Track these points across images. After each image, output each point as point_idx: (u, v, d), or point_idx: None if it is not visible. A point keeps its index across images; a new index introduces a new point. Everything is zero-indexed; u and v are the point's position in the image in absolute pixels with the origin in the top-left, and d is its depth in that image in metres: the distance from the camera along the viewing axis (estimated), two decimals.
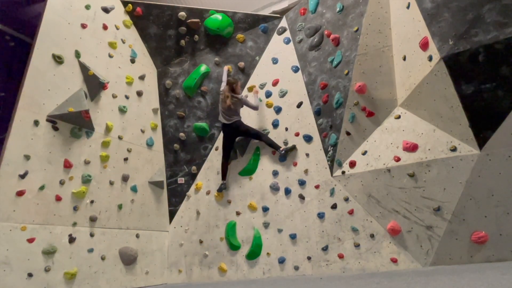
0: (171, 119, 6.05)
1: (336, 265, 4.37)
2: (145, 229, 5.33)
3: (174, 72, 6.15)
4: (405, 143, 4.02)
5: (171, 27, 6.01)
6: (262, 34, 5.78)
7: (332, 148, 4.65)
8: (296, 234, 4.77)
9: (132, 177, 5.25)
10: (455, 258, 3.58)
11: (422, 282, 2.54)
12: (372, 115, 4.40)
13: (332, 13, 4.95)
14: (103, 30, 5.22)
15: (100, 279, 4.47)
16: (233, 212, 5.35)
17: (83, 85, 4.72)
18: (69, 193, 4.34)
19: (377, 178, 4.16)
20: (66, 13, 4.68)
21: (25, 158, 3.94)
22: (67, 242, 4.19)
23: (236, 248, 5.15)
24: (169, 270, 5.50)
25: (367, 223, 4.23)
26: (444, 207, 3.67)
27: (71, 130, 4.50)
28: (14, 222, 3.72)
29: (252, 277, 4.95)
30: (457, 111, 3.53)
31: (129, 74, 5.54)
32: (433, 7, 3.61)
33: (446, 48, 3.44)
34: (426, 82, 3.74)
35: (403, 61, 4.17)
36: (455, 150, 3.64)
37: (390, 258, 4.00)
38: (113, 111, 5.16)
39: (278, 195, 5.07)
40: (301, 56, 5.31)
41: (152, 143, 5.76)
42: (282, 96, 5.38)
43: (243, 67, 5.80)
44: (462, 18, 3.38)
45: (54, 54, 4.41)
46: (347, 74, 4.53)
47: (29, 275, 3.72)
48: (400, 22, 4.22)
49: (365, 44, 4.45)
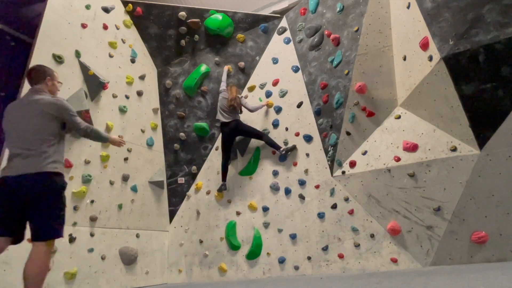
0: (171, 119, 6.05)
1: (336, 265, 4.37)
2: (145, 229, 5.33)
3: (174, 72, 6.16)
4: (405, 143, 4.02)
5: (171, 27, 6.01)
6: (262, 34, 5.78)
7: (332, 148, 4.65)
8: (296, 234, 4.77)
9: (132, 177, 5.25)
10: (455, 258, 3.58)
11: (422, 282, 2.54)
12: (372, 115, 4.40)
13: (332, 13, 4.95)
14: (103, 30, 5.22)
15: (100, 279, 4.47)
16: (233, 212, 5.35)
17: (83, 85, 4.72)
18: (69, 193, 4.34)
19: (377, 178, 4.16)
20: (66, 13, 4.68)
21: None
22: (67, 242, 4.19)
23: (236, 248, 5.15)
24: (169, 270, 5.50)
25: (367, 223, 4.23)
26: (444, 207, 3.67)
27: None
28: None
29: (252, 277, 4.95)
30: (457, 111, 3.53)
31: (129, 74, 5.54)
32: (433, 7, 3.61)
33: (446, 48, 3.44)
34: (426, 82, 3.74)
35: (403, 61, 4.17)
36: (455, 150, 3.64)
37: (390, 258, 4.00)
38: (113, 111, 5.16)
39: (278, 195, 5.07)
40: (301, 56, 5.31)
41: (152, 143, 5.76)
42: (282, 96, 5.38)
43: (243, 67, 5.80)
44: (463, 18, 3.38)
45: (54, 54, 4.41)
46: (347, 74, 4.53)
47: None
48: (400, 22, 4.22)
49: (365, 44, 4.45)
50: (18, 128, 2.53)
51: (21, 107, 2.59)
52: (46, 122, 2.53)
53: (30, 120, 2.51)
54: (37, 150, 2.44)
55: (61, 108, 2.61)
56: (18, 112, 2.58)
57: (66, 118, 2.64)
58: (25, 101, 2.60)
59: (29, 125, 2.50)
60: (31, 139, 2.46)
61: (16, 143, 2.48)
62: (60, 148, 2.63)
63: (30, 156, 2.41)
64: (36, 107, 2.54)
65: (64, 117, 2.64)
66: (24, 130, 2.50)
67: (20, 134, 2.50)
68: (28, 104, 2.57)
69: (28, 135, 2.48)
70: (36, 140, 2.47)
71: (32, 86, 2.69)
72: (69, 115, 2.66)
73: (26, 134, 2.49)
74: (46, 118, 2.53)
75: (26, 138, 2.47)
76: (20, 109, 2.58)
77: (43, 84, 2.71)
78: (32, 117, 2.51)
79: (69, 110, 2.66)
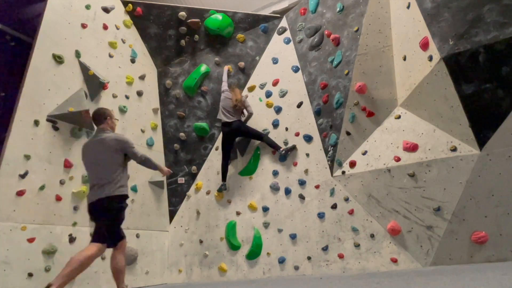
0: (171, 119, 6.05)
1: (336, 265, 4.37)
2: (145, 229, 5.33)
3: (174, 72, 6.16)
4: (405, 143, 4.02)
5: (171, 27, 6.01)
6: (262, 34, 5.78)
7: (332, 148, 4.65)
8: (296, 234, 4.77)
9: (132, 177, 5.24)
10: (455, 258, 3.58)
11: (422, 282, 2.54)
12: (372, 115, 4.40)
13: (332, 13, 4.95)
14: (103, 30, 5.22)
15: (100, 279, 4.47)
16: (233, 212, 5.35)
17: (83, 85, 4.72)
18: (69, 193, 4.34)
19: (377, 178, 4.16)
20: (66, 13, 4.68)
21: (25, 158, 3.94)
22: (67, 242, 4.19)
23: (236, 248, 5.15)
24: (169, 270, 5.50)
25: (367, 223, 4.23)
26: (444, 207, 3.66)
27: (72, 130, 4.50)
28: (14, 222, 3.72)
29: (252, 277, 4.95)
30: (457, 111, 3.53)
31: (129, 74, 5.54)
32: (433, 7, 3.61)
33: (446, 48, 3.44)
34: (426, 82, 3.74)
35: (403, 61, 4.17)
36: (455, 150, 3.64)
37: (390, 258, 4.00)
38: (113, 111, 5.14)
39: (278, 195, 5.07)
40: (301, 56, 5.31)
41: (152, 143, 5.76)
42: (282, 96, 5.38)
43: (243, 67, 5.80)
44: (462, 18, 3.38)
45: (54, 54, 4.41)
46: (347, 74, 4.53)
47: (29, 275, 3.72)
48: (400, 22, 4.22)
49: (365, 44, 4.45)
50: (93, 164, 3.22)
51: (93, 146, 3.26)
52: (113, 156, 3.20)
53: (101, 156, 3.18)
54: (109, 179, 3.12)
55: (122, 143, 3.27)
56: (91, 150, 3.26)
57: (127, 150, 3.29)
58: (95, 140, 3.27)
59: (101, 160, 3.17)
60: (104, 171, 3.14)
61: (94, 175, 3.18)
62: (125, 174, 3.31)
63: (105, 184, 3.10)
64: (104, 144, 3.20)
65: (126, 150, 3.28)
66: (98, 165, 3.18)
67: (96, 168, 3.19)
68: (97, 142, 3.23)
69: (101, 168, 3.16)
70: (107, 171, 3.14)
71: (97, 126, 3.38)
72: (129, 148, 3.29)
73: (99, 167, 3.17)
74: (113, 152, 3.20)
75: (100, 170, 3.15)
76: (92, 148, 3.26)
77: (105, 124, 3.36)
78: (102, 153, 3.18)
79: (129, 143, 3.32)
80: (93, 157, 3.23)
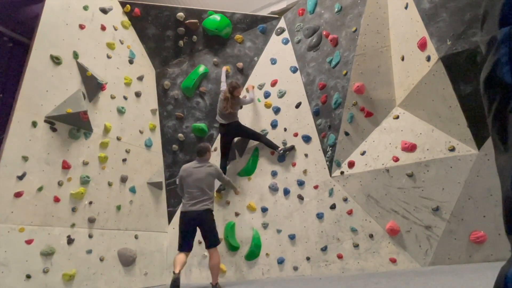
0: (169, 120, 6.04)
1: (335, 266, 4.37)
2: (144, 230, 5.32)
3: (173, 73, 6.15)
4: (403, 143, 4.03)
5: (170, 28, 6.00)
6: (260, 35, 5.78)
7: (331, 149, 4.65)
8: (295, 234, 4.77)
9: (130, 178, 5.24)
10: (454, 258, 3.59)
11: (421, 282, 2.54)
12: (370, 115, 4.41)
13: (331, 13, 4.95)
14: (101, 31, 5.21)
15: (98, 280, 4.46)
16: (232, 212, 5.35)
17: (81, 86, 4.71)
18: (67, 194, 4.33)
19: (376, 178, 4.16)
20: (64, 14, 4.67)
21: (23, 159, 3.93)
22: (65, 243, 4.18)
23: (235, 248, 5.15)
24: (168, 271, 5.49)
25: (366, 223, 4.23)
26: (443, 207, 3.67)
27: (70, 131, 4.49)
28: (12, 224, 3.71)
29: (251, 278, 4.94)
30: (456, 111, 3.54)
31: (127, 75, 5.53)
32: (431, 7, 3.62)
33: (444, 48, 3.45)
34: (424, 82, 3.74)
35: (401, 61, 4.18)
36: (454, 150, 3.64)
37: (389, 258, 4.00)
38: (112, 112, 5.15)
39: (277, 195, 5.07)
40: (300, 57, 5.31)
41: (150, 144, 5.75)
42: (280, 97, 5.38)
43: (242, 67, 5.80)
44: (460, 18, 3.39)
45: (52, 55, 4.40)
46: (345, 74, 4.54)
47: (28, 277, 3.71)
48: (398, 23, 4.23)
49: (364, 44, 4.45)
50: (195, 183, 4.22)
51: (195, 170, 4.31)
52: (211, 180, 4.37)
53: (203, 179, 4.26)
54: (207, 196, 4.22)
55: (217, 172, 4.50)
56: (193, 173, 4.29)
57: (218, 177, 4.55)
58: (198, 167, 4.34)
59: (202, 182, 4.24)
60: (203, 190, 4.21)
61: (195, 191, 4.19)
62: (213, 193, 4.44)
63: (203, 200, 4.18)
64: (206, 172, 4.32)
65: (217, 177, 4.52)
66: (199, 185, 4.21)
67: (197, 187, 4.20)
68: (200, 168, 4.33)
69: (202, 188, 4.21)
70: (206, 190, 4.23)
71: (199, 157, 4.41)
72: (220, 175, 4.58)
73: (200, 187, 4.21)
74: (211, 178, 4.37)
75: (201, 189, 4.20)
76: (194, 172, 4.29)
77: (206, 156, 4.46)
78: (204, 178, 4.27)
79: (221, 173, 4.62)
80: (194, 178, 4.24)
